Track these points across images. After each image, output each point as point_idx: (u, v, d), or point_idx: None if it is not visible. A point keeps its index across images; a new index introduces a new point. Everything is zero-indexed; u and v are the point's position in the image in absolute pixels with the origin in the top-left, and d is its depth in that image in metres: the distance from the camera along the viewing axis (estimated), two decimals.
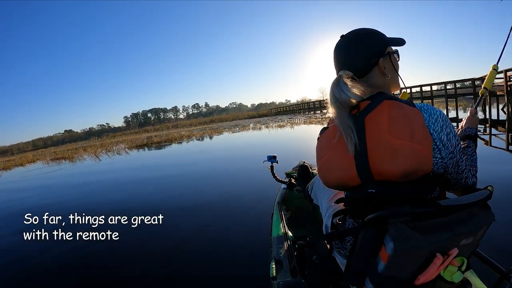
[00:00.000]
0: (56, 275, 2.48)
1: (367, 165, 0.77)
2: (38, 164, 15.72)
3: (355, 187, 0.82)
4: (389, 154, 0.73)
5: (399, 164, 0.72)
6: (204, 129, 26.07)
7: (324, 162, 0.87)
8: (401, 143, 0.72)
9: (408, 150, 0.72)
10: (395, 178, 0.74)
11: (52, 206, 4.79)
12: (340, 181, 0.84)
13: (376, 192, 0.78)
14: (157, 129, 50.56)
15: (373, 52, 0.87)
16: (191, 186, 5.05)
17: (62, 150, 23.50)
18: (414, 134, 0.73)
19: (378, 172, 0.76)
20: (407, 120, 0.74)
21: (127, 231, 2.54)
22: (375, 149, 0.75)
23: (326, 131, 0.90)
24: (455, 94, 13.49)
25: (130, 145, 17.72)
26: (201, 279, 2.12)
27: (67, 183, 7.55)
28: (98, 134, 76.89)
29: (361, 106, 0.80)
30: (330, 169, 0.85)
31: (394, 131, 0.73)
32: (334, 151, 0.84)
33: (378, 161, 0.75)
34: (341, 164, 0.82)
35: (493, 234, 1.11)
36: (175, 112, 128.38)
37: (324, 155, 0.87)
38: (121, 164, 10.53)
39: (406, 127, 0.73)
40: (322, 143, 0.90)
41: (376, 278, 0.69)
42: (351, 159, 0.79)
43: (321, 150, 0.90)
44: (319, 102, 34.36)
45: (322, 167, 0.89)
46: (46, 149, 38.73)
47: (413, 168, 0.72)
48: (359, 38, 0.88)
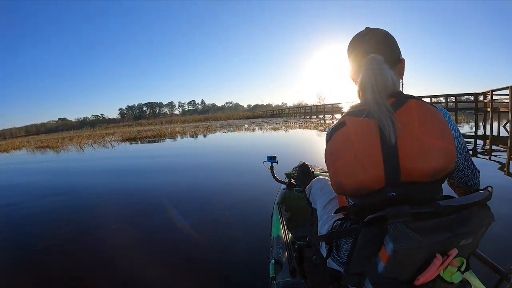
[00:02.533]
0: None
1: (396, 164, 0.72)
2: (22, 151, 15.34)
3: (374, 191, 0.75)
4: (422, 152, 0.71)
5: (432, 162, 0.71)
6: (197, 126, 26.10)
7: (343, 164, 0.77)
8: (433, 142, 0.71)
9: (440, 148, 0.71)
10: (424, 177, 0.72)
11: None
12: (361, 185, 0.75)
13: (396, 195, 0.74)
14: (151, 123, 51.40)
15: (399, 51, 0.88)
16: (190, 186, 4.81)
17: (49, 139, 23.44)
18: (444, 133, 0.73)
19: (408, 171, 0.72)
20: (436, 119, 0.75)
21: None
22: (407, 147, 0.72)
23: (342, 130, 0.80)
24: (456, 108, 13.19)
25: (118, 138, 17.50)
26: (201, 279, 2.06)
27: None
28: (92, 124, 77.78)
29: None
30: (350, 172, 0.76)
31: (425, 130, 0.72)
32: (356, 150, 0.75)
33: (410, 159, 0.71)
34: (366, 165, 0.73)
35: (492, 234, 1.08)
36: (171, 108, 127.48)
37: (342, 157, 0.78)
38: (99, 160, 9.92)
39: (436, 126, 0.73)
40: (338, 143, 0.80)
41: (375, 278, 0.70)
42: (378, 158, 0.73)
43: (337, 152, 0.80)
44: (316, 107, 34.38)
45: (339, 171, 0.78)
46: (38, 136, 39.46)
47: (444, 166, 0.72)
48: (389, 34, 0.89)
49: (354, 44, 0.89)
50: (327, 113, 28.24)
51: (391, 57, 0.84)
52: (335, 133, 0.81)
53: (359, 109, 0.78)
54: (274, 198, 2.27)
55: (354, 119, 0.78)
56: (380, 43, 0.85)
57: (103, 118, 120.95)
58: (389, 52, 0.84)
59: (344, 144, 0.78)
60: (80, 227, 3.19)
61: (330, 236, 0.90)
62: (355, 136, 0.76)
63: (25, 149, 16.00)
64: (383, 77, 0.76)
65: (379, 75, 0.76)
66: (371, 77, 0.76)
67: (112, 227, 3.13)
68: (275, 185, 2.53)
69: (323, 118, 25.81)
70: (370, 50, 0.84)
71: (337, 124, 0.82)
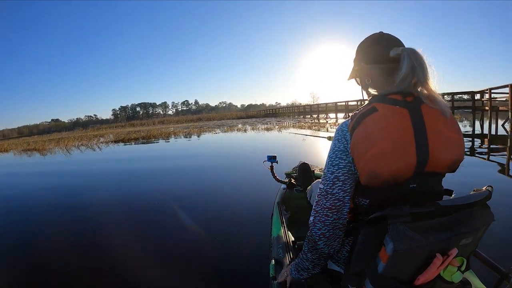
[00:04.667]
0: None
1: (426, 153, 0.73)
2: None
3: (402, 181, 0.75)
4: (447, 144, 0.75)
5: (454, 153, 0.76)
6: (188, 127, 25.83)
7: (380, 151, 0.73)
8: (453, 135, 0.76)
9: (458, 141, 0.77)
10: (444, 167, 0.76)
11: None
12: (396, 172, 0.74)
13: (416, 187, 0.76)
14: (143, 124, 51.22)
15: None
16: (189, 186, 4.80)
17: (37, 141, 22.91)
18: (458, 128, 0.79)
19: (435, 160, 0.74)
20: (451, 115, 0.79)
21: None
22: (435, 138, 0.74)
23: (375, 116, 0.76)
24: (452, 107, 12.97)
25: (107, 140, 17.21)
26: (201, 278, 2.05)
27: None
28: (84, 125, 78.79)
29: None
30: (389, 158, 0.73)
31: (447, 124, 0.76)
32: (394, 137, 0.73)
33: (437, 149, 0.74)
34: (403, 152, 0.73)
35: (492, 234, 1.07)
36: (164, 108, 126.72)
37: (378, 144, 0.73)
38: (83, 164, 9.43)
39: (453, 121, 0.78)
40: (374, 127, 0.75)
41: (376, 278, 0.70)
42: (413, 146, 0.73)
43: (372, 138, 0.75)
44: (310, 106, 34.09)
45: (375, 158, 0.74)
46: (30, 138, 39.18)
47: (459, 158, 0.78)
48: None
49: (376, 42, 0.88)
50: (321, 113, 27.96)
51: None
52: (367, 118, 0.76)
53: (388, 98, 0.78)
54: (274, 198, 2.25)
55: (386, 106, 0.76)
56: (399, 43, 0.86)
57: (96, 119, 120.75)
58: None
59: (380, 129, 0.74)
60: (79, 228, 3.25)
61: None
62: (392, 121, 0.74)
63: (12, 152, 15.66)
64: (424, 68, 0.77)
65: (425, 63, 0.77)
66: (420, 63, 0.76)
67: (108, 227, 3.14)
68: (275, 185, 2.52)
69: (317, 118, 25.68)
70: (390, 46, 0.83)
71: (365, 111, 0.78)
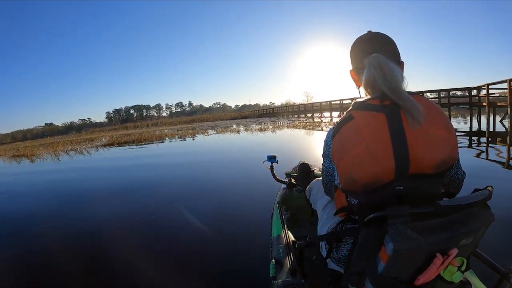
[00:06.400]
0: None
1: (406, 155, 0.72)
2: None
3: (383, 185, 0.75)
4: (429, 143, 0.72)
5: (439, 152, 0.73)
6: (181, 129, 25.58)
7: (354, 157, 0.76)
8: (439, 133, 0.73)
9: (445, 139, 0.74)
10: (431, 168, 0.73)
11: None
12: (374, 176, 0.74)
13: (403, 190, 0.75)
14: (137, 126, 50.64)
15: (399, 54, 0.91)
16: (188, 186, 4.82)
17: (27, 146, 22.70)
18: (448, 125, 0.75)
19: (416, 162, 0.72)
20: (439, 112, 0.76)
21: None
22: (415, 138, 0.72)
23: (351, 124, 0.78)
24: (449, 103, 12.73)
25: (98, 144, 16.95)
26: (201, 278, 2.02)
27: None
28: (78, 129, 77.83)
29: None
30: (362, 164, 0.75)
31: (431, 122, 0.73)
32: (367, 142, 0.74)
33: (418, 149, 0.72)
34: (378, 156, 0.73)
35: (492, 234, 1.03)
36: (158, 110, 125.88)
37: (353, 150, 0.76)
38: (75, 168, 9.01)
39: (441, 119, 0.75)
40: (347, 137, 0.79)
41: (376, 278, 0.70)
42: (389, 149, 0.72)
43: (347, 145, 0.78)
44: (304, 105, 33.84)
45: (352, 163, 0.77)
46: (23, 143, 38.61)
47: (448, 156, 0.74)
48: (390, 37, 0.91)
49: (358, 46, 0.92)
50: (315, 112, 27.70)
51: (393, 58, 0.85)
52: (343, 127, 0.79)
53: (366, 104, 0.78)
54: (274, 198, 2.24)
55: (362, 112, 0.77)
56: (383, 45, 0.88)
57: (90, 122, 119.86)
58: (391, 54, 0.86)
59: (355, 136, 0.76)
60: (77, 230, 3.27)
61: (330, 236, 0.90)
62: (365, 127, 0.75)
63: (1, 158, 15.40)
64: (390, 70, 0.76)
65: (386, 68, 0.76)
66: (379, 70, 0.77)
67: (106, 228, 3.17)
68: (275, 185, 2.51)
69: (312, 117, 25.43)
70: (374, 51, 0.84)
71: (343, 119, 0.80)
